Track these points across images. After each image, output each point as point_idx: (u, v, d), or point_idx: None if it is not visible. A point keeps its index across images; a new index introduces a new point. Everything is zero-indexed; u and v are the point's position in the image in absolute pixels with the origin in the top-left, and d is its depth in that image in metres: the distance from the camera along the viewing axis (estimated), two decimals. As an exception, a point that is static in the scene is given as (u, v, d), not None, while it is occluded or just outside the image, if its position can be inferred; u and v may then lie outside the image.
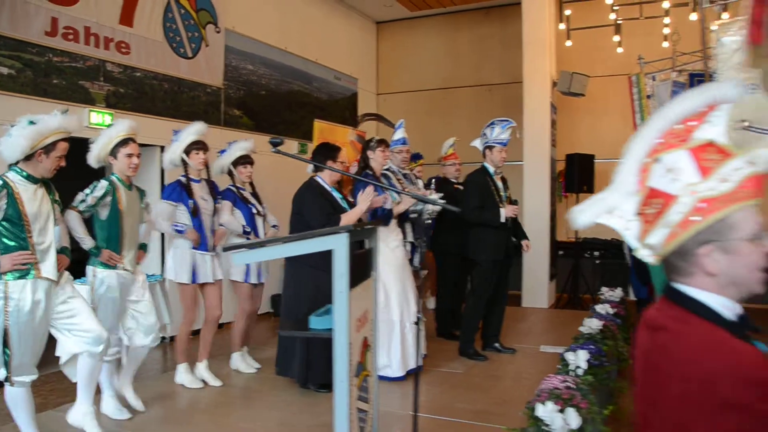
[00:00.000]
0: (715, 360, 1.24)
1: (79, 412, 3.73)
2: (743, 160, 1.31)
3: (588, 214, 1.50)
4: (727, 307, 1.35)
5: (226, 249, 2.66)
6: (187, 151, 4.69)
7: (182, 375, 4.75)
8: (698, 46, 5.53)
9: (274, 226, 5.36)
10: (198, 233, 4.66)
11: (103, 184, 3.84)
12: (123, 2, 5.87)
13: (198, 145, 4.70)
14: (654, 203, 1.39)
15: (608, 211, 1.49)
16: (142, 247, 4.26)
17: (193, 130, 4.72)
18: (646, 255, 1.47)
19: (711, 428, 1.19)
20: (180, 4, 6.57)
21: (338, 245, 2.26)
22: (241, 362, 5.19)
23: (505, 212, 5.23)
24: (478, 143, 5.50)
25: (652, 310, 1.49)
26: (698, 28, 5.36)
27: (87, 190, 3.82)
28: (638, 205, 1.43)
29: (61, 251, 3.56)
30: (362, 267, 2.77)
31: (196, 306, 4.79)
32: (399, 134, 5.61)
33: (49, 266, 3.41)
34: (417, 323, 2.78)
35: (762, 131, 2.10)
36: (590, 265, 8.70)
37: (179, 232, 4.60)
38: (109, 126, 4.22)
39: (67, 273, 3.62)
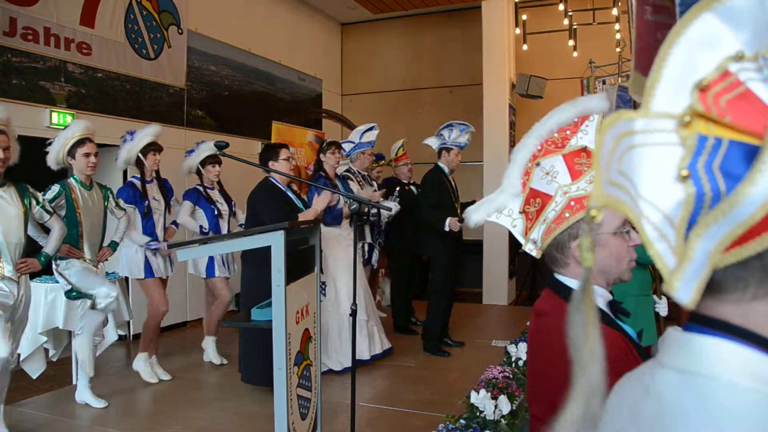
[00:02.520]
0: (575, 342, 1.43)
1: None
2: None
3: (480, 214, 1.69)
4: (598, 294, 1.54)
5: (170, 246, 2.79)
6: (144, 152, 4.76)
7: (140, 363, 4.85)
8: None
9: (241, 225, 5.50)
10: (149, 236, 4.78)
11: (54, 188, 3.98)
12: (84, 3, 5.93)
13: (154, 147, 4.79)
14: (535, 202, 1.58)
15: (498, 211, 1.67)
16: (111, 245, 4.39)
17: (150, 132, 4.80)
18: (530, 249, 1.66)
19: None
20: (142, 5, 6.64)
21: (275, 242, 2.42)
22: (211, 348, 5.35)
23: (449, 223, 5.34)
24: (432, 142, 5.64)
25: (540, 299, 1.69)
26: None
27: (42, 193, 3.96)
28: (522, 205, 1.62)
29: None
30: (303, 263, 2.93)
31: (164, 298, 4.87)
32: (371, 136, 5.72)
33: (9, 266, 3.52)
34: (352, 315, 2.93)
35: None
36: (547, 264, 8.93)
37: (155, 249, 4.69)
38: (64, 128, 4.31)
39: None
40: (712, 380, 0.57)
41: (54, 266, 4.12)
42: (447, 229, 5.32)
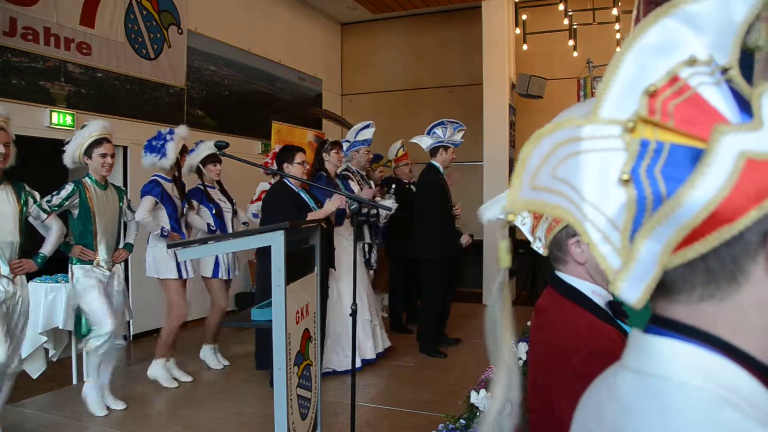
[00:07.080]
0: (573, 337, 1.43)
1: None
2: None
3: (492, 211, 1.70)
4: (597, 293, 1.54)
5: (170, 246, 2.79)
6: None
7: (159, 370, 4.78)
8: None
9: (244, 223, 5.50)
10: (178, 233, 4.77)
11: (67, 187, 3.99)
12: (84, 3, 5.92)
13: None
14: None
15: None
16: (126, 246, 4.39)
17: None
18: (538, 246, 1.67)
19: (564, 393, 1.37)
20: (142, 5, 6.64)
21: (275, 242, 2.42)
22: (212, 358, 5.29)
23: (463, 240, 5.62)
24: (424, 141, 5.62)
25: (542, 296, 1.70)
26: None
27: (55, 192, 3.99)
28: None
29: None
30: (304, 262, 2.93)
31: (185, 300, 4.85)
32: (367, 134, 5.71)
33: (5, 265, 3.51)
34: (352, 315, 2.94)
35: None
36: (549, 263, 8.93)
37: (164, 236, 4.66)
38: (82, 127, 4.31)
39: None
40: (665, 380, 0.57)
41: (69, 270, 4.12)
42: (463, 242, 5.61)
